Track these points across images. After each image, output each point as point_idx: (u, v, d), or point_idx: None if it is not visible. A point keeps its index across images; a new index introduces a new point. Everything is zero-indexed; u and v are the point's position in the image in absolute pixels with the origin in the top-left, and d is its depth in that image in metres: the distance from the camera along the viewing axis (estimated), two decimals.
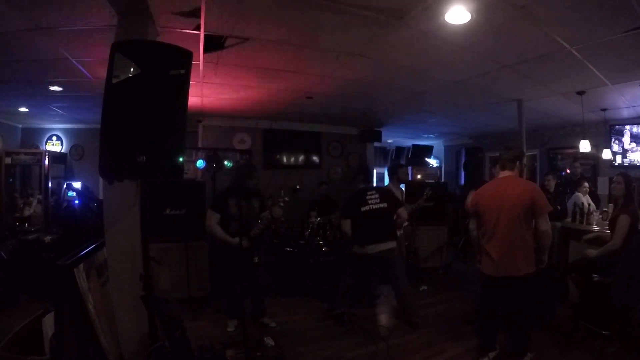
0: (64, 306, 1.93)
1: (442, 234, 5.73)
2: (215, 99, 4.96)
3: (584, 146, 4.94)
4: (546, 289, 3.43)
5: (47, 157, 6.10)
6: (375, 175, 8.83)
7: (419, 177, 8.23)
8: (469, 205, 3.05)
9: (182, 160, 1.80)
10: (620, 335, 2.99)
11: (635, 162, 5.75)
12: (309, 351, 3.10)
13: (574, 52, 3.03)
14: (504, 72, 3.62)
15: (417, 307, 3.75)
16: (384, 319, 3.85)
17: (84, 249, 2.20)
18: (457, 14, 2.41)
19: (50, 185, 6.10)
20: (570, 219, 4.35)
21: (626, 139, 5.83)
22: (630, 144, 5.80)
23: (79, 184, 6.38)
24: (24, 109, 5.55)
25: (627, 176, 3.29)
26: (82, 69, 3.54)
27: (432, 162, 9.56)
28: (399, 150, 10.27)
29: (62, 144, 7.13)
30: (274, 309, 3.88)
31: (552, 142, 7.15)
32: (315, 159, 7.28)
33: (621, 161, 5.89)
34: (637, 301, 2.76)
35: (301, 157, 7.16)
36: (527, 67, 3.50)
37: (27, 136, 6.98)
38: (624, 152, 5.86)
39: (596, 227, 3.92)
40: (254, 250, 3.40)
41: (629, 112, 5.41)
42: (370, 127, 7.45)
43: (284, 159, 7.02)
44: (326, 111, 5.86)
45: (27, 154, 6.15)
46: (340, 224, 3.92)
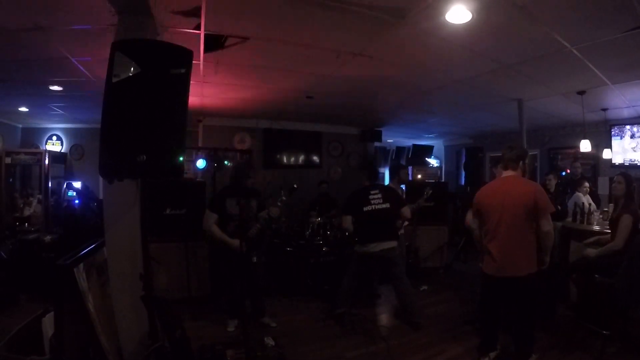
0: (63, 306, 1.93)
1: (443, 233, 5.71)
2: (215, 99, 4.96)
3: (585, 146, 4.95)
4: (547, 289, 3.42)
5: (47, 157, 6.10)
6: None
7: (419, 177, 8.21)
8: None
9: (182, 159, 1.80)
10: (621, 335, 2.98)
11: (635, 162, 5.73)
12: (310, 351, 3.10)
13: (575, 51, 3.02)
14: (504, 71, 3.62)
15: (419, 307, 3.75)
16: (385, 319, 3.85)
17: (84, 248, 2.20)
18: (458, 14, 2.41)
19: (50, 185, 6.10)
20: (570, 219, 4.35)
21: (626, 138, 5.82)
22: (630, 143, 5.79)
23: (79, 184, 6.37)
24: (24, 109, 5.55)
25: (627, 176, 3.29)
26: (82, 69, 3.54)
27: (433, 162, 9.56)
28: (399, 150, 10.27)
29: (62, 144, 7.13)
30: (274, 309, 3.87)
31: (553, 142, 7.15)
32: (315, 158, 7.28)
33: (622, 161, 5.89)
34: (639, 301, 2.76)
35: (301, 157, 7.16)
36: (528, 67, 3.49)
37: (27, 136, 6.98)
38: (624, 152, 5.86)
39: (597, 227, 3.91)
40: (252, 250, 3.40)
41: (630, 112, 5.41)
42: (370, 126, 7.44)
43: (284, 158, 7.03)
44: (326, 111, 5.86)
45: (27, 153, 6.14)
46: (340, 223, 3.91)
